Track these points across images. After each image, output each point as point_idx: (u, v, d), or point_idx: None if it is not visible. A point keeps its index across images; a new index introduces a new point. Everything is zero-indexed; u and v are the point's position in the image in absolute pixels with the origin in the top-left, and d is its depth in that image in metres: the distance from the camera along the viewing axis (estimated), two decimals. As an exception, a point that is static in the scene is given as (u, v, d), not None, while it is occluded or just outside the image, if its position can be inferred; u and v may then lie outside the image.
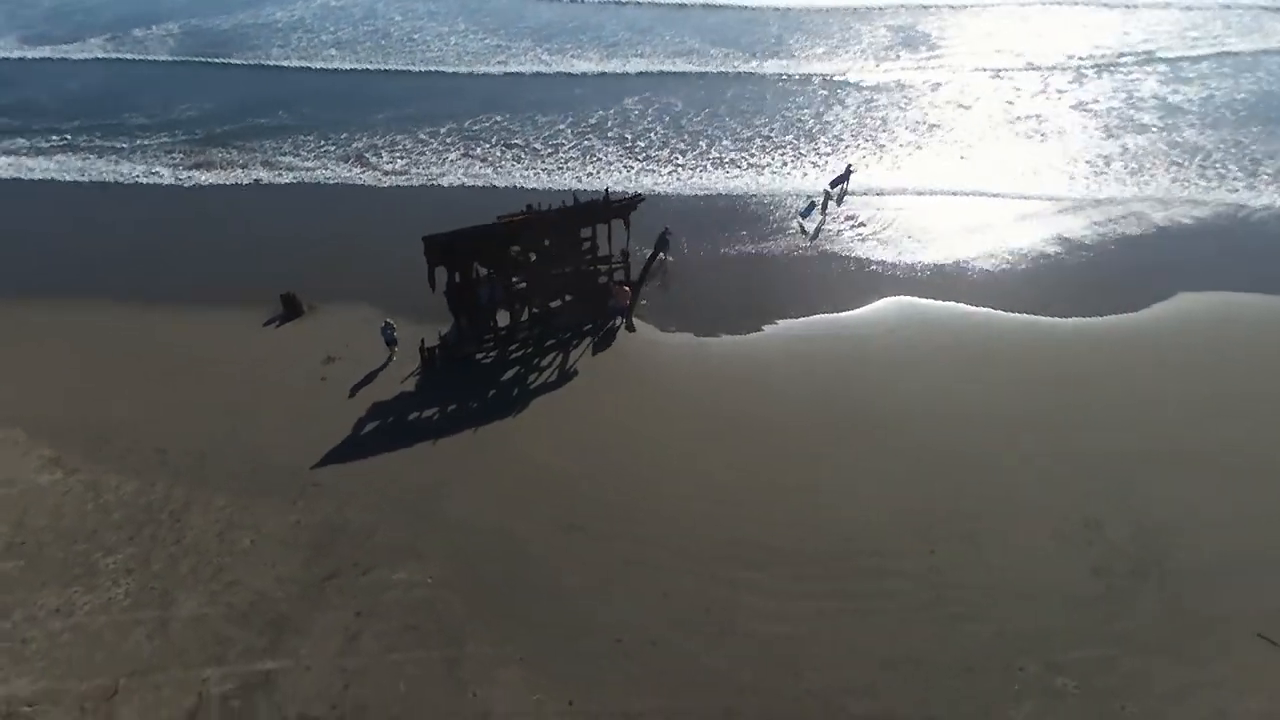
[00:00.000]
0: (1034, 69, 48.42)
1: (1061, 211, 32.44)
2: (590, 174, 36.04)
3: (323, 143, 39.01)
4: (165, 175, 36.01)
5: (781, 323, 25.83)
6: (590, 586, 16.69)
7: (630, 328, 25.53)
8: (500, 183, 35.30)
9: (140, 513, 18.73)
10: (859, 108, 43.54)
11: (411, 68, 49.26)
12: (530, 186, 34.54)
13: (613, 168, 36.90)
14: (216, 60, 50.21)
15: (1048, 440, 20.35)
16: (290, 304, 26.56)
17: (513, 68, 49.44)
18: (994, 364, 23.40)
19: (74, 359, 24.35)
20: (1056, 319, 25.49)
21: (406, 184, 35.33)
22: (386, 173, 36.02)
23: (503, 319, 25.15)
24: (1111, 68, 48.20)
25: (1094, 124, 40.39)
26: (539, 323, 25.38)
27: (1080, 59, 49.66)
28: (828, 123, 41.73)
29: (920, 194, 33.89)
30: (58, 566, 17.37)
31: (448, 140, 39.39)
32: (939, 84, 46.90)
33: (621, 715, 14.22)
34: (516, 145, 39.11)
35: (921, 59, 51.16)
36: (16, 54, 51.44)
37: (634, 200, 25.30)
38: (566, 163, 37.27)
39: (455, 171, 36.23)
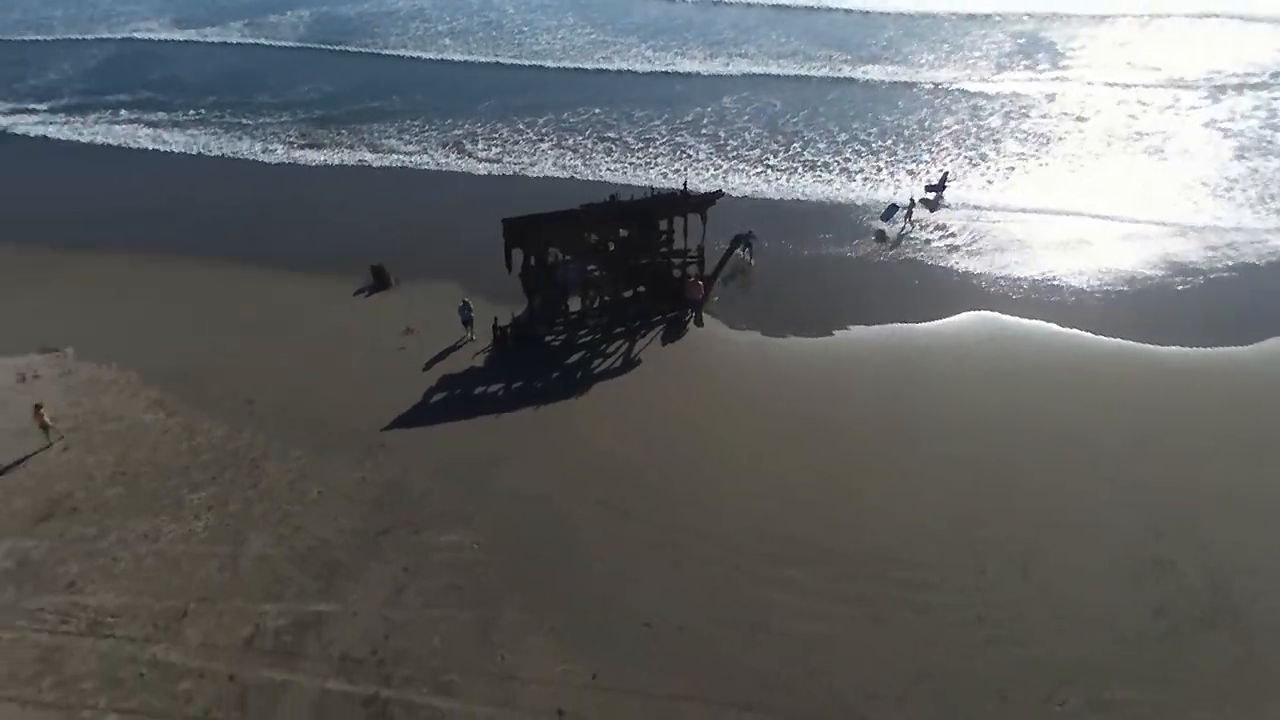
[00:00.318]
0: (1165, 84, 45.44)
1: (1173, 235, 30.30)
2: (678, 170, 36.29)
3: (426, 129, 40.89)
4: (279, 153, 38.60)
5: (854, 328, 25.30)
6: (628, 569, 16.90)
7: (699, 322, 25.60)
8: (589, 175, 36.02)
9: (226, 456, 20.27)
10: (965, 117, 42.02)
11: (519, 61, 50.82)
12: (615, 180, 35.06)
13: (701, 165, 37.03)
14: (338, 47, 53.28)
15: (1125, 471, 19.12)
16: (379, 276, 28.06)
17: (616, 64, 50.24)
18: (1077, 387, 22.15)
19: (183, 312, 26.61)
20: (1153, 346, 23.85)
21: (500, 172, 36.58)
22: (481, 160, 37.39)
23: (574, 304, 25.70)
24: (1252, 86, 44.58)
25: (1224, 145, 37.53)
26: (610, 310, 25.80)
27: (1217, 75, 46.20)
28: (930, 130, 40.48)
29: (1019, 210, 32.31)
30: (150, 497, 19.04)
31: (543, 131, 40.51)
32: (1055, 95, 44.75)
33: (642, 694, 14.36)
34: (609, 139, 39.81)
35: (1041, 69, 48.89)
36: (167, 36, 56.28)
37: (713, 196, 25.37)
38: (655, 158, 37.68)
39: (545, 162, 37.23)
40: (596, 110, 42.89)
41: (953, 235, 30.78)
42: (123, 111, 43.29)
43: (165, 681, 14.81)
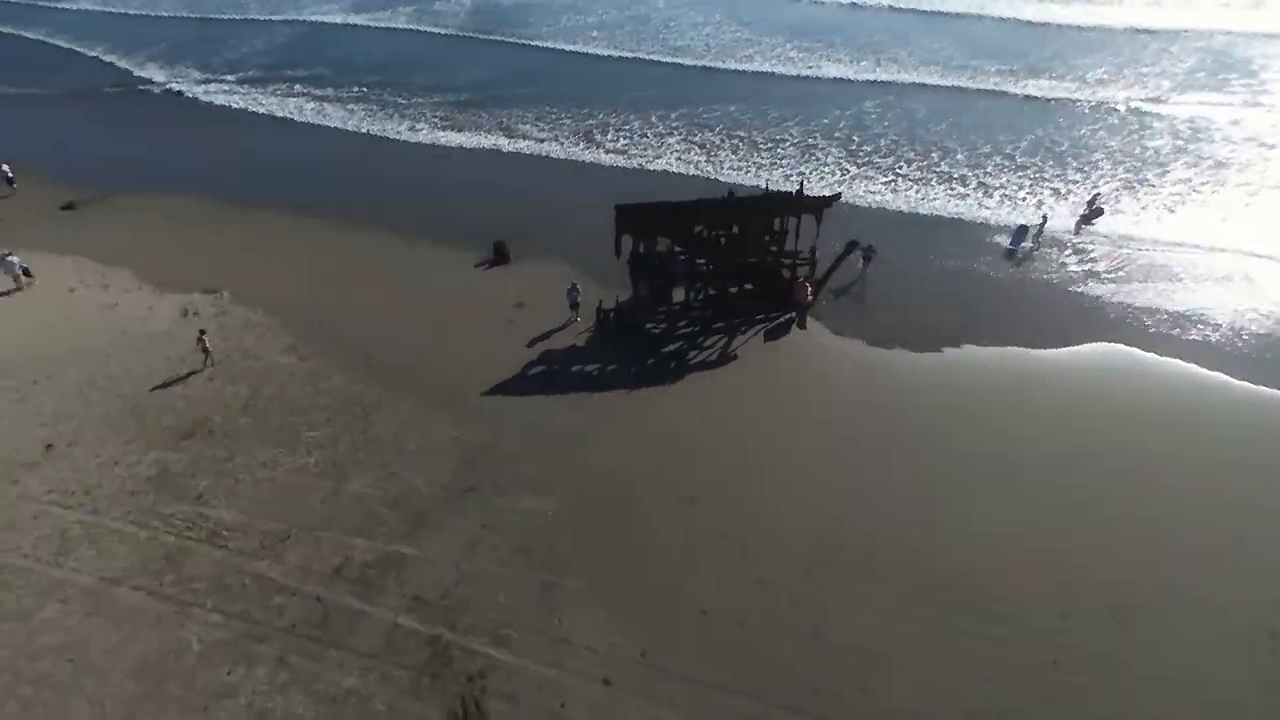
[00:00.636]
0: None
1: (1362, 283, 26.83)
2: (802, 173, 35.71)
3: (561, 117, 42.34)
4: (423, 132, 41.23)
5: (968, 347, 24.15)
6: (692, 557, 17.03)
7: (802, 324, 25.23)
8: (710, 171, 36.18)
9: (342, 402, 22.05)
10: (1129, 138, 38.86)
11: (660, 58, 51.32)
12: (736, 179, 34.91)
13: (828, 169, 36.33)
14: (491, 36, 55.93)
15: (1252, 533, 17.27)
16: (500, 251, 29.50)
17: (756, 64, 49.94)
18: (1212, 437, 20.17)
19: (324, 269, 29.02)
20: (1315, 403, 21.31)
21: (624, 164, 37.36)
22: (608, 150, 38.31)
23: (678, 295, 25.98)
24: None
25: None
26: (714, 305, 25.88)
27: None
28: (1085, 150, 37.78)
29: (1174, 242, 29.47)
30: (273, 430, 21.03)
31: (673, 126, 41.02)
32: (1240, 120, 40.52)
33: (688, 680, 14.49)
34: (738, 137, 39.78)
35: (1228, 90, 44.35)
36: (344, 19, 61.11)
37: (829, 199, 24.90)
38: (781, 159, 37.29)
39: (670, 155, 37.66)
40: (731, 108, 42.88)
41: (1092, 260, 28.66)
42: (296, 86, 47.59)
43: (263, 594, 16.40)
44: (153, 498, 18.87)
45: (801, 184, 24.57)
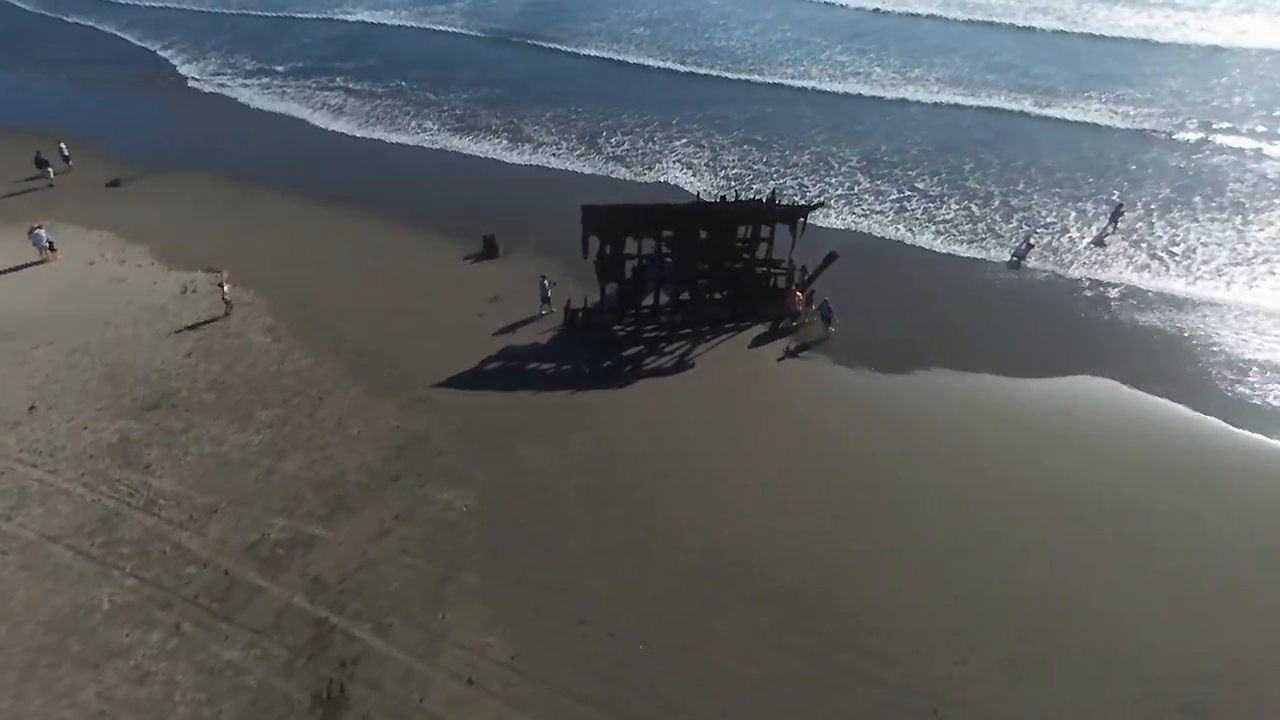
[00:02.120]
0: None
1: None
2: (814, 182, 34.82)
3: (571, 118, 42.45)
4: (434, 130, 42.14)
5: (939, 371, 23.13)
6: (590, 563, 16.97)
7: (788, 330, 24.70)
8: (708, 177, 35.76)
9: (301, 384, 22.88)
10: (1162, 168, 36.01)
11: (698, 69, 50.04)
12: (733, 187, 34.29)
13: (840, 178, 35.27)
14: (529, 40, 56.10)
15: (1196, 592, 15.99)
16: (489, 245, 29.93)
17: (786, 77, 48.06)
18: (1174, 480, 18.74)
19: (321, 254, 30.02)
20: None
21: (621, 169, 37.15)
22: (608, 159, 38.14)
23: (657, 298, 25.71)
24: None
25: None
26: (685, 310, 25.57)
27: None
28: (1105, 176, 35.38)
29: (1192, 301, 26.55)
30: (230, 406, 22.01)
31: (680, 130, 40.56)
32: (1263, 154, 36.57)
33: (549, 686, 14.48)
34: (754, 142, 39.03)
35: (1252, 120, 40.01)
36: (384, 20, 62.66)
37: (801, 209, 24.23)
38: (790, 168, 36.38)
39: (669, 159, 37.40)
40: (746, 117, 41.99)
41: (1087, 289, 26.97)
42: (338, 79, 49.42)
43: (179, 563, 17.26)
44: (107, 463, 20.06)
45: (773, 192, 23.95)
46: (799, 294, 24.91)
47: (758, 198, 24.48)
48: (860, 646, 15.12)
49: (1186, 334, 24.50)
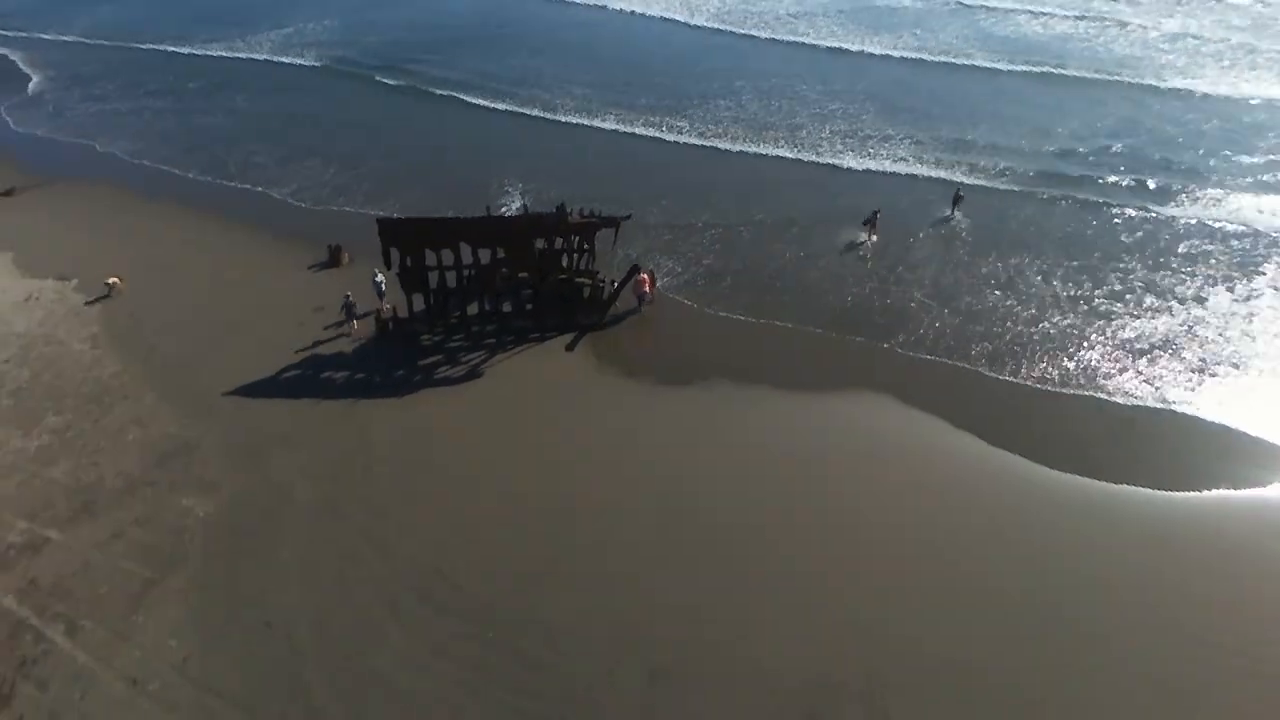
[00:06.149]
0: None
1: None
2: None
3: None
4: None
5: (722, 383, 23.27)
6: (299, 566, 17.52)
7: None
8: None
9: (99, 391, 23.66)
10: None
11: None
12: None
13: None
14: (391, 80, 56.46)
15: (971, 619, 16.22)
16: (333, 254, 30.49)
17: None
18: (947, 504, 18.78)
19: (170, 262, 30.67)
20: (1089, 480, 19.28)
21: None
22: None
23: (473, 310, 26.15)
24: None
25: None
26: (494, 320, 26.02)
27: None
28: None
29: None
30: (24, 412, 22.84)
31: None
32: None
33: (205, 687, 15.07)
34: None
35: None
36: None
37: (595, 224, 24.61)
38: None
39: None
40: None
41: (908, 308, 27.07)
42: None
43: (-89, 563, 18.02)
44: (-113, 462, 20.93)
45: (561, 205, 24.27)
46: (645, 278, 25.66)
47: (548, 211, 24.69)
48: (528, 658, 15.48)
49: (1007, 355, 24.54)
